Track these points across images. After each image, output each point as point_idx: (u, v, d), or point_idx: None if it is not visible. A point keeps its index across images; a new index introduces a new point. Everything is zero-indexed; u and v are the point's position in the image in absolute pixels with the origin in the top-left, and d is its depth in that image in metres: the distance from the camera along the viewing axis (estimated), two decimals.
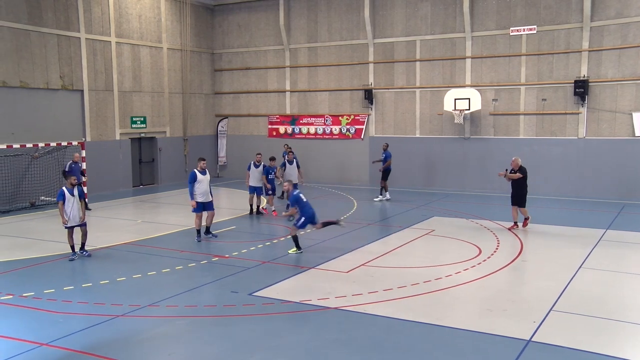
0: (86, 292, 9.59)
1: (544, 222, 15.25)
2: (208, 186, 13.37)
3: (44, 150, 18.49)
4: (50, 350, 7.17)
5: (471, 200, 19.15)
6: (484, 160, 21.19)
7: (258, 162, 16.32)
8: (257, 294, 9.30)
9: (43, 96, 19.32)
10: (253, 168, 16.27)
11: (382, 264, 11.28)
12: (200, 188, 13.13)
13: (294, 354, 7.12)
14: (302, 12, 24.27)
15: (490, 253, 11.95)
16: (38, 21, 19.02)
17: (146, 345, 7.49)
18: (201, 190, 13.14)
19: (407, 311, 8.54)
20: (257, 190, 16.34)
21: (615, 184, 19.12)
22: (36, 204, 18.07)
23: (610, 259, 11.61)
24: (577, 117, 19.78)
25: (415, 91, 22.31)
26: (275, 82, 25.25)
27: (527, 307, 8.69)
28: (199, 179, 13.11)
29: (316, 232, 14.35)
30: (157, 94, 23.73)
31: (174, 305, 8.88)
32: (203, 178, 13.19)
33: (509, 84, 20.70)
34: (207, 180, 13.35)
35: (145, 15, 23.02)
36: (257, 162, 16.33)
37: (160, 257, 11.83)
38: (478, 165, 21.32)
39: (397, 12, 22.33)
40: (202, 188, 13.15)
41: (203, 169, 13.31)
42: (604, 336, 7.66)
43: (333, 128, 24.04)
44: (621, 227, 14.59)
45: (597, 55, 19.29)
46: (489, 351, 7.18)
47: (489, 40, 20.89)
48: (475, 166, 21.36)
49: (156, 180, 24.01)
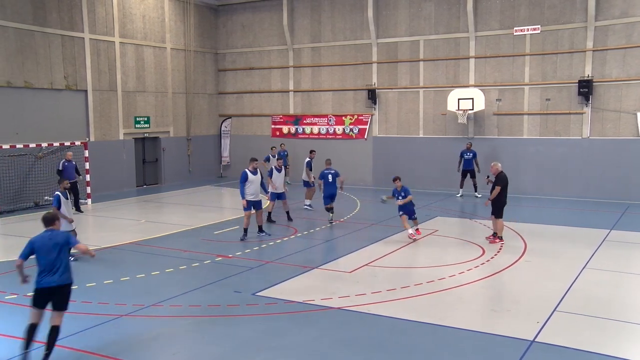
0: (90, 291, 9.61)
1: (548, 223, 15.22)
2: (259, 186, 13.57)
3: (47, 150, 18.54)
4: (55, 350, 7.18)
5: (474, 201, 19.12)
6: (488, 161, 21.09)
7: (279, 167, 15.59)
8: (261, 293, 9.31)
9: (47, 96, 19.38)
10: (276, 173, 15.44)
11: (385, 264, 11.27)
12: (251, 188, 13.37)
13: (298, 354, 7.12)
14: (306, 12, 24.27)
15: (493, 253, 11.93)
16: (42, 22, 19.08)
17: (150, 344, 7.50)
18: (252, 190, 13.38)
19: (410, 311, 8.53)
20: (280, 195, 15.41)
21: (619, 184, 19.04)
22: (40, 204, 18.11)
23: (614, 259, 11.57)
24: (581, 117, 19.72)
25: (419, 91, 22.28)
26: (279, 82, 25.27)
27: (531, 307, 8.67)
28: (250, 179, 13.35)
29: (319, 232, 14.36)
30: (160, 94, 23.76)
31: (178, 305, 8.90)
32: (254, 178, 13.44)
33: (513, 83, 20.66)
34: (259, 180, 13.53)
35: (149, 16, 23.06)
36: (278, 167, 15.57)
37: (164, 257, 11.85)
38: (481, 165, 21.25)
39: (401, 12, 22.31)
40: (253, 188, 13.40)
41: (254, 169, 13.55)
42: (608, 337, 7.64)
43: (336, 128, 24.04)
44: (625, 227, 14.54)
45: (602, 55, 19.23)
46: (493, 351, 7.16)
47: (493, 40, 20.85)
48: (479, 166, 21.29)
49: (160, 180, 24.05)
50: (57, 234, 7.08)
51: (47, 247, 6.88)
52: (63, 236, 7.11)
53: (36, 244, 6.93)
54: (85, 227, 14.25)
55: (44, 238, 6.96)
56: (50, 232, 7.04)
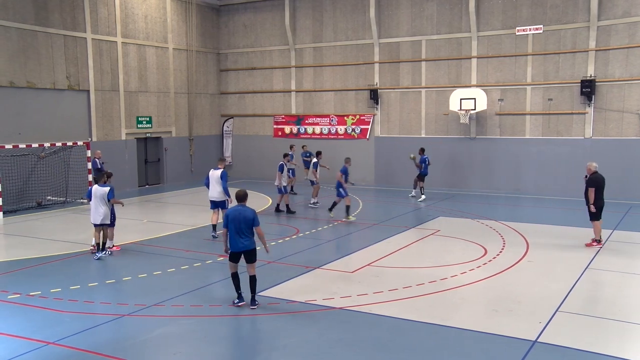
0: (92, 291, 9.62)
1: (550, 223, 15.19)
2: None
3: (50, 150, 18.57)
4: (57, 349, 7.20)
5: (477, 201, 19.10)
6: (490, 161, 21.14)
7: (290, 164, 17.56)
8: (263, 293, 9.31)
9: (50, 96, 19.41)
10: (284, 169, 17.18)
11: (387, 264, 11.26)
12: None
13: (299, 354, 7.12)
14: (308, 12, 24.27)
15: (496, 253, 11.91)
16: (45, 22, 19.11)
17: (152, 344, 7.50)
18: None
19: (412, 311, 8.52)
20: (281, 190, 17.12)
21: (622, 185, 18.99)
22: (43, 204, 18.15)
23: (617, 259, 11.54)
24: (583, 117, 19.68)
25: (421, 91, 22.27)
26: (281, 82, 25.27)
27: (533, 307, 8.65)
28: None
29: (321, 232, 14.37)
30: (162, 94, 23.79)
31: (180, 304, 8.90)
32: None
33: (515, 83, 20.63)
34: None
35: (151, 16, 23.09)
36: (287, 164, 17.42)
37: (166, 257, 11.86)
38: (483, 165, 21.27)
39: (403, 12, 22.30)
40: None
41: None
42: (610, 337, 7.63)
43: (338, 128, 24.04)
44: (628, 227, 14.50)
45: (604, 54, 19.20)
46: (495, 352, 7.15)
47: (495, 40, 20.83)
48: (481, 166, 21.30)
49: (162, 180, 24.08)
50: (246, 209, 8.60)
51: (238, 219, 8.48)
52: (251, 212, 8.64)
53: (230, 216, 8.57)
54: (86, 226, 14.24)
55: (237, 211, 8.55)
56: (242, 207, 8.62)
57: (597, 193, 12.17)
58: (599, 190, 12.20)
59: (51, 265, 11.32)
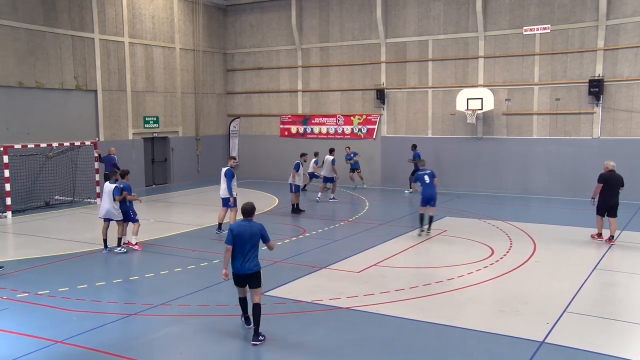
0: (99, 290, 9.67)
1: (557, 223, 15.12)
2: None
3: (58, 150, 18.67)
4: (65, 348, 7.24)
5: (483, 201, 19.04)
6: (497, 161, 21.05)
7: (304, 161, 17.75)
8: (269, 293, 9.31)
9: (58, 96, 19.52)
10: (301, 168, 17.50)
11: (394, 264, 11.25)
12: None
13: (306, 354, 7.12)
14: (314, 12, 24.28)
15: (502, 254, 11.87)
16: (53, 22, 19.22)
17: (158, 344, 7.53)
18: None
19: (419, 312, 8.51)
20: (293, 188, 17.14)
21: (631, 185, 18.65)
22: (51, 203, 18.25)
23: (625, 260, 11.48)
24: (591, 117, 19.57)
25: (428, 91, 22.22)
26: (287, 82, 25.29)
27: (541, 308, 8.62)
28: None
29: (328, 232, 14.37)
30: (169, 94, 23.86)
31: (186, 304, 8.93)
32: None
33: (522, 83, 20.54)
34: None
35: (158, 16, 23.17)
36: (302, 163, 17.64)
37: (173, 257, 11.90)
38: (490, 165, 21.19)
39: (410, 11, 22.26)
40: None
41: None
42: (618, 338, 7.58)
43: (345, 128, 24.02)
44: (636, 228, 14.42)
45: (613, 54, 19.08)
46: (502, 352, 7.13)
47: (502, 39, 20.75)
48: (488, 166, 21.23)
49: (169, 180, 24.15)
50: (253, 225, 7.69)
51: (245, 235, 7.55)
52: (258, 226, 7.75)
53: (234, 231, 7.54)
54: (94, 226, 14.32)
55: (243, 226, 7.59)
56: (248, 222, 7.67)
57: (605, 190, 12.51)
58: (608, 187, 12.57)
59: (59, 264, 11.38)
